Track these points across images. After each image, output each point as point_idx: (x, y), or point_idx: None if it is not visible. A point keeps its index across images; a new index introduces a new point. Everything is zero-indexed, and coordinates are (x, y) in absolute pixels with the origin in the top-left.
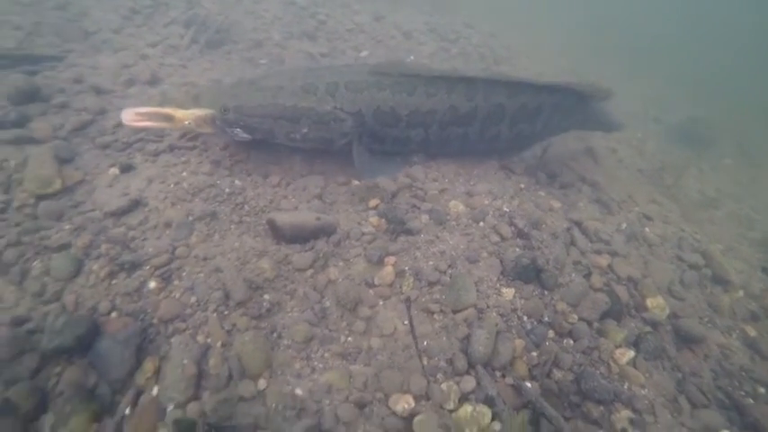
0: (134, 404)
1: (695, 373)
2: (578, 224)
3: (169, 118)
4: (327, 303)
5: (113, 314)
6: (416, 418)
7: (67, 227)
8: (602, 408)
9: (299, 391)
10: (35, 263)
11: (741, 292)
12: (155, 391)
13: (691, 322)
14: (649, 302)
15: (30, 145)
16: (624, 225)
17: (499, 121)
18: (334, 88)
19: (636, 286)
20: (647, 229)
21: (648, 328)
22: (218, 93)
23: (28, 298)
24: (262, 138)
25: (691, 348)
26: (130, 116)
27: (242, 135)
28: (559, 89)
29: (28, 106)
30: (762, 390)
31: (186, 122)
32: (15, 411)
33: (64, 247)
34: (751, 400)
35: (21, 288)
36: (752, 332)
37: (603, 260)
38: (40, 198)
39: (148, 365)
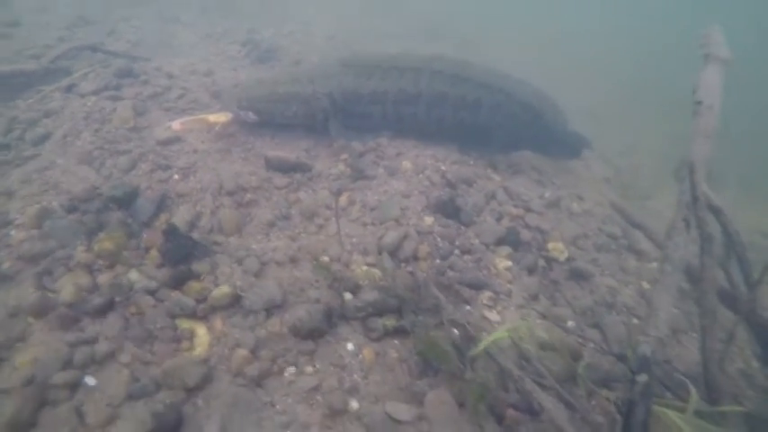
0: (149, 232)
1: (575, 297)
2: (505, 188)
3: (204, 121)
4: (292, 211)
5: (148, 190)
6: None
7: (131, 144)
8: (473, 291)
9: (254, 246)
10: (108, 160)
11: (654, 264)
12: (162, 226)
13: (582, 264)
14: (550, 246)
15: (119, 101)
16: (547, 194)
17: (442, 106)
18: (313, 77)
19: (541, 234)
20: (574, 204)
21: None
22: (233, 89)
23: (101, 178)
24: (266, 118)
25: (578, 282)
26: (177, 125)
27: (252, 117)
28: (497, 89)
29: (123, 79)
30: (635, 320)
31: (216, 123)
32: (85, 228)
33: (127, 152)
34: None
35: (98, 172)
36: (647, 286)
37: (517, 212)
38: (119, 128)
39: (163, 216)
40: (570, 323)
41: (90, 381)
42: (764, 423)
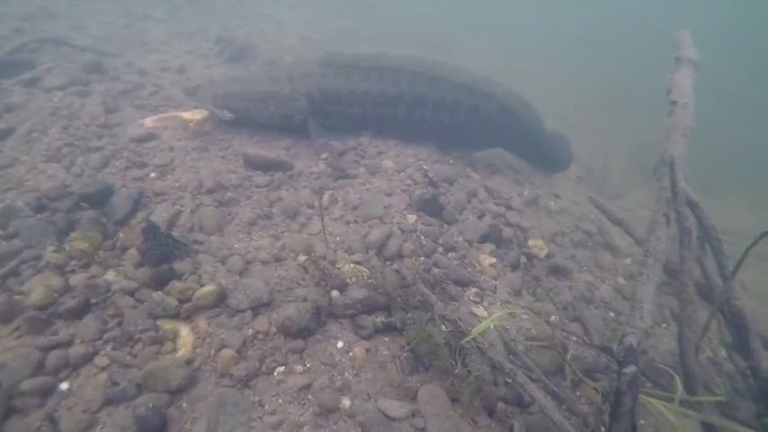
0: (126, 230)
1: (556, 293)
2: (486, 187)
3: (179, 119)
4: (274, 210)
5: (123, 188)
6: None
7: (103, 141)
8: (459, 288)
9: (236, 245)
10: (79, 158)
11: (628, 260)
12: (141, 225)
13: (562, 260)
14: (531, 242)
15: (88, 96)
16: (526, 192)
17: (422, 107)
18: (291, 76)
19: (522, 231)
20: (551, 202)
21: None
22: (208, 86)
23: (71, 176)
24: (242, 116)
25: (558, 278)
26: (149, 122)
27: (228, 115)
28: (476, 91)
29: (91, 75)
30: (611, 314)
31: (191, 121)
32: (54, 228)
33: (98, 149)
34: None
35: (68, 171)
36: (622, 281)
37: (497, 209)
38: (89, 125)
39: (140, 215)
40: (553, 317)
41: (64, 386)
42: (735, 410)
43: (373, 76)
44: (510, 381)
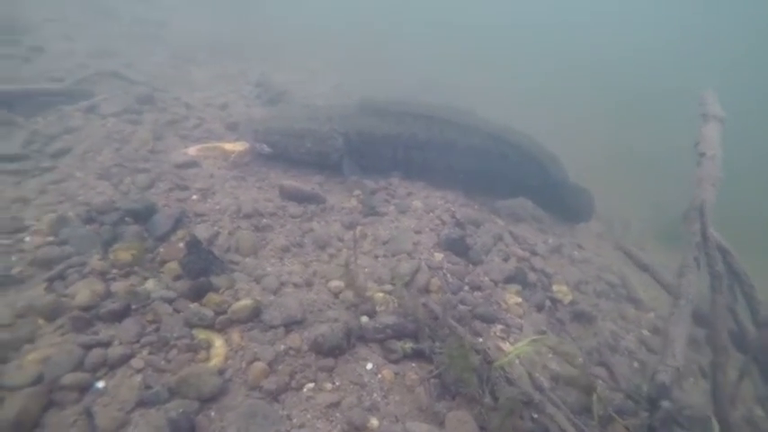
0: (167, 245)
1: (580, 338)
2: (511, 232)
3: (220, 149)
4: (306, 240)
5: (166, 207)
6: (341, 293)
7: (149, 164)
8: (485, 324)
9: (269, 268)
10: (127, 177)
11: (652, 314)
12: (181, 244)
13: (585, 306)
14: (555, 288)
15: (139, 125)
16: (550, 240)
17: (451, 152)
18: (330, 116)
19: (546, 276)
20: (575, 252)
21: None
22: (250, 121)
23: (119, 194)
24: (280, 151)
25: (582, 324)
26: (193, 150)
27: (266, 149)
28: (504, 141)
29: (143, 105)
30: (636, 364)
31: (232, 153)
32: (100, 238)
33: (145, 170)
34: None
35: (116, 188)
36: (645, 332)
37: (522, 254)
38: (138, 149)
39: (180, 233)
40: (579, 360)
41: (100, 384)
42: None
43: (406, 121)
44: (536, 416)
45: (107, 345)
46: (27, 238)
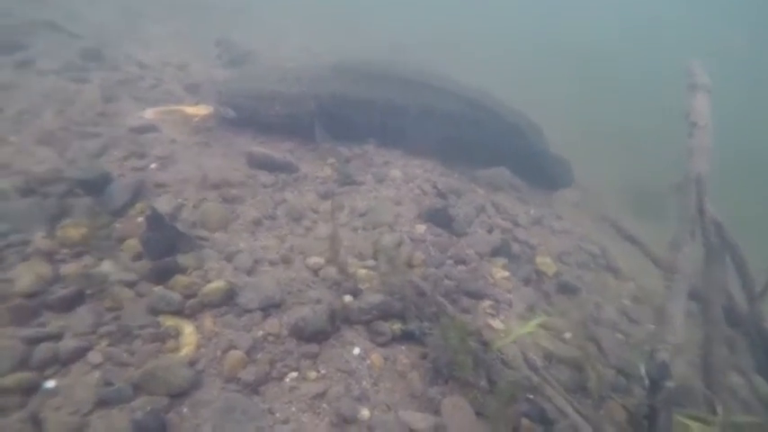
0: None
1: (566, 311)
2: (493, 202)
3: (181, 113)
4: (278, 212)
5: (121, 177)
6: (321, 270)
7: (100, 128)
8: (473, 300)
9: (241, 245)
10: (74, 143)
11: (632, 284)
12: (140, 219)
13: (569, 278)
14: (538, 260)
15: (86, 83)
16: (532, 211)
17: (428, 119)
18: (300, 78)
19: (530, 248)
20: (554, 223)
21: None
22: (213, 82)
23: (65, 162)
24: (247, 115)
25: (567, 296)
26: (151, 113)
27: (231, 113)
28: (483, 108)
29: (89, 62)
30: (619, 335)
31: (194, 116)
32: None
33: (96, 135)
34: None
35: (61, 156)
36: (626, 302)
37: (505, 225)
38: (85, 111)
39: (139, 205)
40: (567, 335)
41: (50, 384)
42: None
43: (382, 85)
44: (532, 397)
45: (57, 337)
46: None
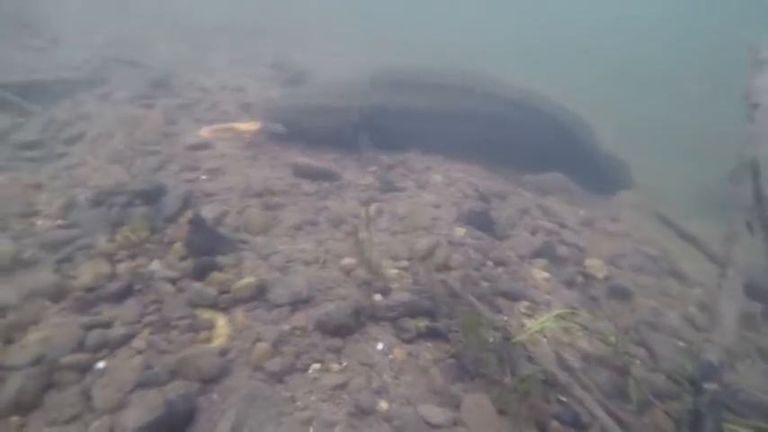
0: (175, 226)
1: (616, 315)
2: (539, 205)
3: (233, 130)
4: (320, 218)
5: (175, 189)
6: (353, 270)
7: (161, 147)
8: (509, 301)
9: (280, 247)
10: (138, 160)
11: (698, 290)
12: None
13: (623, 282)
14: (587, 262)
15: (152, 109)
16: (582, 212)
17: (471, 123)
18: (344, 92)
19: (579, 250)
20: (609, 225)
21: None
22: (264, 101)
23: (130, 176)
24: (294, 129)
25: (619, 300)
26: (206, 132)
27: (280, 128)
28: (528, 108)
29: (157, 90)
30: (681, 343)
31: (245, 132)
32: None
33: (156, 153)
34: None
35: (127, 170)
36: (692, 309)
37: (551, 227)
38: (149, 132)
39: (188, 212)
40: (612, 338)
41: (101, 365)
42: None
43: (422, 92)
44: (565, 399)
45: (108, 325)
46: (39, 222)
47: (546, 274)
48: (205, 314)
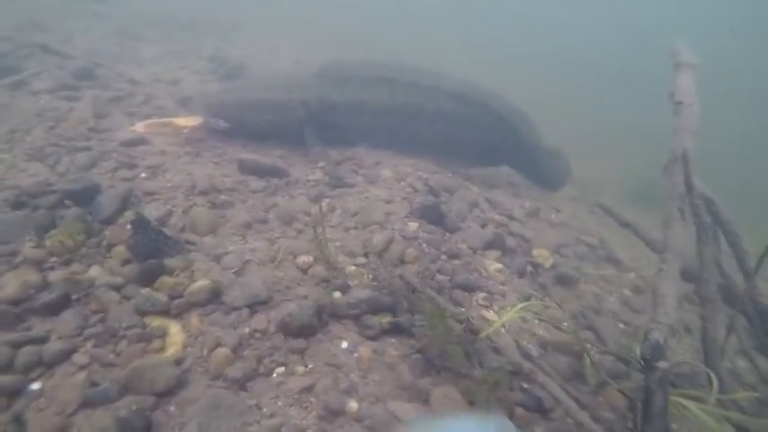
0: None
1: (563, 302)
2: (486, 198)
3: (171, 125)
4: (270, 216)
5: (111, 188)
6: (310, 268)
7: (91, 143)
8: (466, 293)
9: (230, 247)
10: (64, 158)
11: (633, 274)
12: (128, 225)
13: (567, 269)
14: (535, 252)
15: (77, 101)
16: (527, 204)
17: (418, 118)
18: (288, 86)
19: (525, 241)
20: (552, 216)
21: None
22: (203, 95)
23: (55, 175)
24: (237, 125)
25: (565, 288)
26: (141, 127)
27: (222, 124)
28: (474, 103)
29: (82, 81)
30: (621, 325)
31: (184, 128)
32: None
33: (86, 149)
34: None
35: (52, 169)
36: (627, 292)
37: (500, 219)
38: (76, 127)
39: (128, 213)
40: (565, 324)
41: (35, 386)
42: None
43: (369, 86)
44: (527, 386)
45: (42, 341)
46: None
47: (499, 265)
48: (155, 321)
